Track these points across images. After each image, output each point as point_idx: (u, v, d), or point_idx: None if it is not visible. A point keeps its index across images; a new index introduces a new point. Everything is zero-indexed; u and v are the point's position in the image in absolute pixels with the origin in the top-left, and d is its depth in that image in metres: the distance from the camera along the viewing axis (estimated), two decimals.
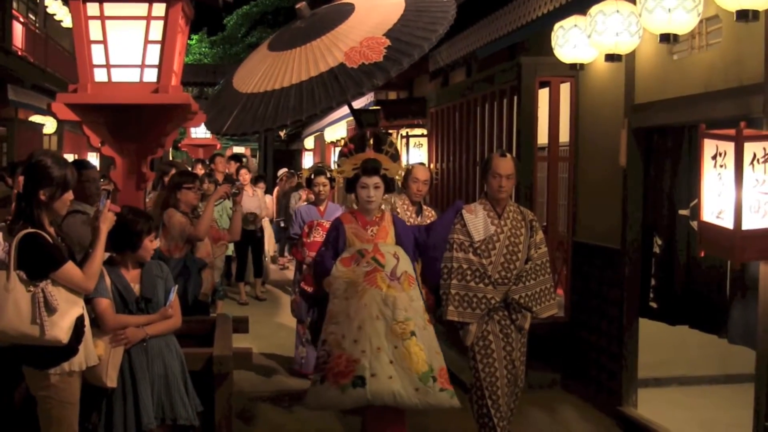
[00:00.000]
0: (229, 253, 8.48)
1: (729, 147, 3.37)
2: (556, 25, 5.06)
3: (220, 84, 5.15)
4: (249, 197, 8.65)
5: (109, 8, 4.38)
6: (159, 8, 4.38)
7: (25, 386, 3.26)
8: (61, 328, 3.05)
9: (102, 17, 4.38)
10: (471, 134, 6.90)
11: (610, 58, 4.51)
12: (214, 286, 6.16)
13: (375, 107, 10.18)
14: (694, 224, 4.34)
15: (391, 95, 11.47)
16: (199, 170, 8.84)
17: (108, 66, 4.45)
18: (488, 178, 4.26)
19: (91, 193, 4.44)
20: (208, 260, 5.04)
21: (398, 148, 4.31)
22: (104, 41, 4.41)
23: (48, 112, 4.53)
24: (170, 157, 16.06)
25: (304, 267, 5.69)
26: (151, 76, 4.47)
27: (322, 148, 17.78)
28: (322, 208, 5.99)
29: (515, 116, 5.95)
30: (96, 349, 3.29)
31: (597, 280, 5.39)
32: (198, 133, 14.16)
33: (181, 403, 3.51)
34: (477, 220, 4.23)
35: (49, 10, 14.40)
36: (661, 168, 4.82)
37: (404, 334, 3.82)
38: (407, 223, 4.65)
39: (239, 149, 20.72)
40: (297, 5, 4.54)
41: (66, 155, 14.07)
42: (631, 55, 4.76)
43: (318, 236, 5.55)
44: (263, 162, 22.89)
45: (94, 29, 4.40)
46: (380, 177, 4.08)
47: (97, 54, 4.43)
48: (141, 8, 4.39)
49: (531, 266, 4.22)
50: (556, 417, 5.18)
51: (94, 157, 13.71)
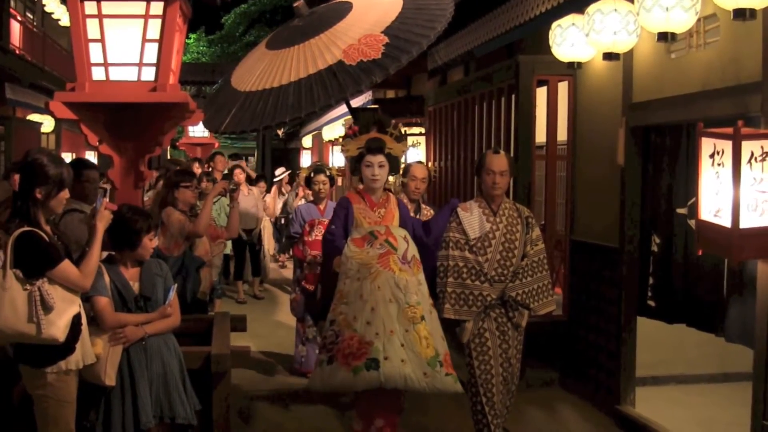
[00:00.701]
0: (228, 251, 8.48)
1: (727, 145, 3.38)
2: (554, 24, 5.06)
3: (218, 82, 5.14)
4: (244, 196, 8.64)
5: (107, 7, 4.38)
6: (157, 7, 4.38)
7: (23, 385, 3.25)
8: (57, 326, 3.04)
9: (100, 16, 4.38)
10: (469, 133, 6.90)
11: (608, 56, 4.51)
12: (213, 285, 6.16)
13: (373, 106, 10.17)
14: (692, 223, 4.34)
15: (389, 94, 11.45)
16: (197, 169, 8.84)
17: (106, 64, 4.45)
18: (482, 175, 4.26)
19: (90, 192, 4.43)
20: (206, 258, 5.04)
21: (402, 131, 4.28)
22: (102, 40, 4.41)
23: (46, 110, 4.52)
24: (168, 156, 16.05)
25: (305, 265, 5.68)
26: (148, 74, 4.47)
27: (320, 147, 17.73)
28: (321, 206, 5.98)
29: (513, 115, 5.94)
30: (95, 348, 3.29)
31: (595, 278, 5.39)
32: (196, 131, 14.15)
33: (180, 402, 3.51)
34: (472, 217, 4.22)
35: (47, 9, 14.36)
36: (659, 167, 4.82)
37: (415, 318, 3.81)
38: None
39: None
40: (295, 3, 4.54)
41: (64, 154, 14.12)
42: (629, 54, 4.76)
43: (319, 235, 5.50)
44: (261, 161, 22.86)
45: (92, 28, 4.40)
46: (384, 156, 4.07)
47: (94, 52, 4.43)
48: (139, 7, 4.39)
49: (528, 263, 4.22)
50: (555, 416, 5.18)
51: (92, 156, 13.67)
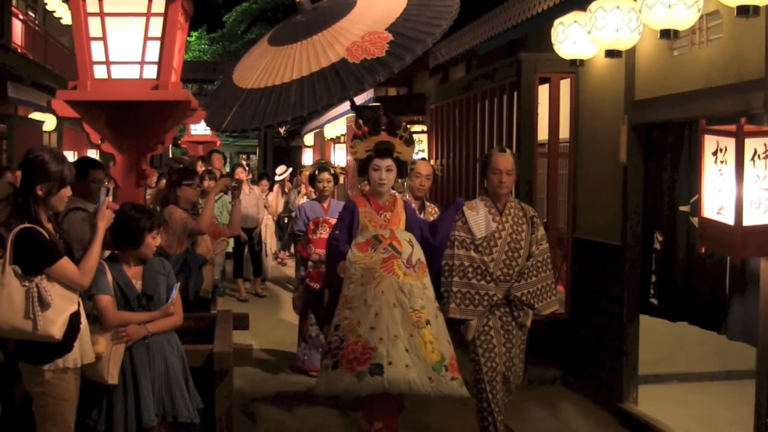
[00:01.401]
0: (230, 249, 8.48)
1: (730, 143, 3.37)
2: (556, 21, 5.05)
3: (219, 80, 5.12)
4: (245, 195, 8.64)
5: (109, 5, 4.36)
6: (158, 5, 4.37)
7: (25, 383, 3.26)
8: (54, 324, 3.04)
9: (101, 14, 4.36)
10: (471, 131, 6.90)
11: (610, 54, 4.51)
12: (215, 283, 6.16)
13: (375, 104, 10.16)
14: (695, 220, 4.33)
15: (391, 92, 11.44)
16: (200, 167, 8.83)
17: (107, 63, 4.44)
18: (488, 174, 4.22)
19: (95, 191, 4.45)
20: (208, 256, 5.05)
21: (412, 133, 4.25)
22: (104, 38, 4.39)
23: (48, 109, 4.52)
24: (170, 154, 16.05)
25: (310, 264, 5.65)
26: (150, 72, 4.46)
27: (322, 145, 17.71)
28: (325, 204, 5.95)
29: (515, 112, 5.94)
30: (97, 346, 3.29)
31: (597, 276, 5.39)
32: (197, 129, 14.13)
33: (182, 400, 3.50)
34: (478, 217, 4.20)
35: (49, 7, 14.34)
36: (662, 164, 4.81)
37: (420, 322, 3.78)
38: None
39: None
40: None
41: (66, 152, 14.08)
42: (632, 51, 4.75)
43: (324, 233, 5.48)
44: (263, 159, 22.85)
45: (94, 26, 4.39)
46: (393, 160, 4.03)
47: (96, 51, 4.41)
48: (140, 5, 4.37)
49: (533, 263, 4.20)
50: (557, 413, 5.18)
51: (94, 154, 13.68)
